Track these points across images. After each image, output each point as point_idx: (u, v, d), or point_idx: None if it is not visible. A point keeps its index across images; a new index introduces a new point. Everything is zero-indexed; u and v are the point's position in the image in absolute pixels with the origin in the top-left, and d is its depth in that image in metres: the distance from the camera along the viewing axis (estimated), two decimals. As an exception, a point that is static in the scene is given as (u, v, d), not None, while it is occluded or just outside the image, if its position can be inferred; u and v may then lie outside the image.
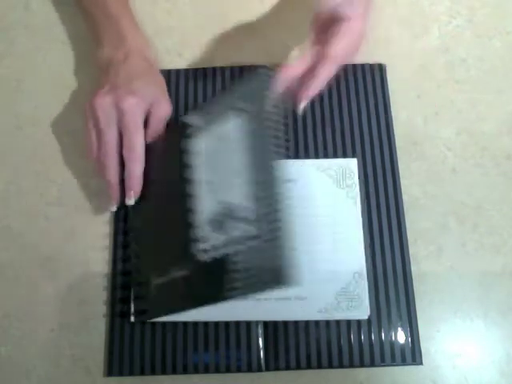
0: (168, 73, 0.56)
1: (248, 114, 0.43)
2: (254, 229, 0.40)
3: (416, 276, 0.49)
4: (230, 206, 0.42)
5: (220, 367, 0.47)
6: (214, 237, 0.43)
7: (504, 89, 0.57)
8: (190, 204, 0.45)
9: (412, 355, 0.47)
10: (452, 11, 0.60)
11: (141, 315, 0.47)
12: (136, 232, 0.49)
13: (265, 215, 0.40)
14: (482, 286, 0.50)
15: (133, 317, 0.47)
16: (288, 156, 0.53)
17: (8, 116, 0.56)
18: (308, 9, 0.59)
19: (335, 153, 0.53)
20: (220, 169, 0.44)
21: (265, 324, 0.48)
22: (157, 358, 0.47)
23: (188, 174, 0.45)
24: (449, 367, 0.48)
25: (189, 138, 0.46)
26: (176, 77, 0.56)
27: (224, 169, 0.44)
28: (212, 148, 0.45)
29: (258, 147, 0.42)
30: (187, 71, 0.57)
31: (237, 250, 0.41)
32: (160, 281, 0.46)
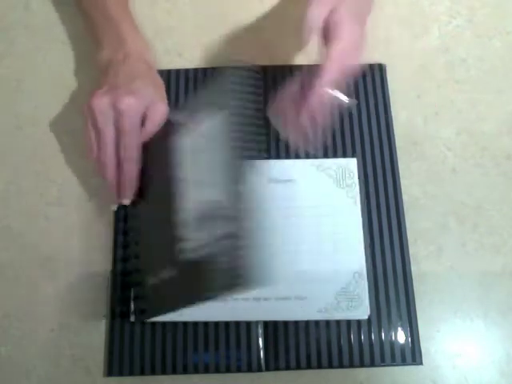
0: (168, 73, 0.56)
1: (231, 112, 0.42)
2: (234, 227, 0.40)
3: (416, 276, 0.49)
4: (213, 205, 0.42)
5: (220, 367, 0.47)
6: (198, 236, 0.42)
7: (504, 89, 0.57)
8: (176, 203, 0.44)
9: (412, 355, 0.47)
10: (452, 11, 0.60)
11: (140, 315, 0.47)
12: (136, 232, 0.49)
13: (242, 213, 0.39)
14: (482, 286, 0.50)
15: (133, 316, 0.47)
16: (268, 154, 0.52)
17: (8, 116, 0.56)
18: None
19: (335, 153, 0.53)
20: (204, 167, 0.44)
21: (265, 324, 0.48)
22: (157, 358, 0.47)
23: (174, 173, 0.45)
24: (449, 367, 0.48)
25: (175, 136, 0.46)
26: (176, 77, 0.56)
27: (208, 167, 0.43)
28: (197, 146, 0.45)
29: (239, 145, 0.41)
30: (187, 71, 0.57)
31: (218, 249, 0.40)
32: (153, 281, 0.46)
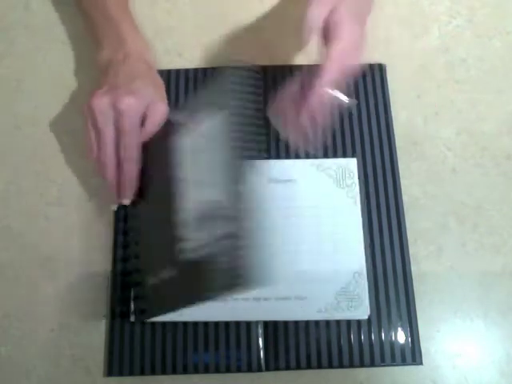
0: (168, 73, 0.56)
1: (231, 112, 0.42)
2: (234, 227, 0.39)
3: (416, 276, 0.49)
4: (213, 205, 0.42)
5: (220, 367, 0.47)
6: (198, 236, 0.42)
7: (504, 89, 0.57)
8: (176, 203, 0.44)
9: (412, 355, 0.47)
10: (452, 11, 0.60)
11: (140, 315, 0.47)
12: (136, 232, 0.49)
13: (242, 213, 0.39)
14: (482, 286, 0.50)
15: (133, 316, 0.47)
16: (268, 153, 0.53)
17: (8, 116, 0.56)
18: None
19: (335, 153, 0.53)
20: (204, 167, 0.44)
21: (265, 324, 0.48)
22: (157, 358, 0.47)
23: (174, 173, 0.45)
24: (449, 367, 0.48)
25: (175, 136, 0.46)
26: (176, 77, 0.56)
27: (207, 167, 0.43)
28: (197, 146, 0.45)
29: (239, 145, 0.41)
30: (187, 71, 0.57)
31: (218, 249, 0.40)
32: (154, 281, 0.46)
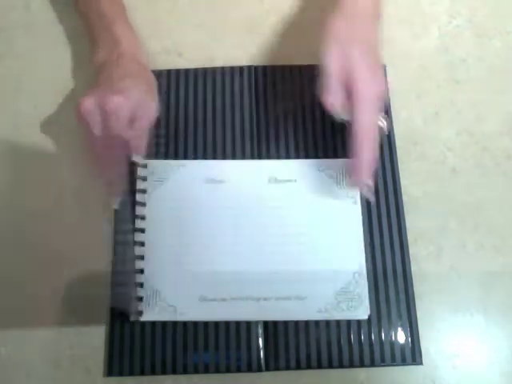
0: (168, 73, 0.56)
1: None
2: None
3: (416, 276, 0.49)
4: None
5: (220, 367, 0.47)
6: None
7: (504, 89, 0.57)
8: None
9: (412, 355, 0.47)
10: (452, 11, 0.60)
11: (140, 315, 0.47)
12: (137, 232, 0.49)
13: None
14: (482, 286, 0.50)
15: (133, 316, 0.47)
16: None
17: (7, 116, 0.56)
18: (308, 9, 0.60)
19: (335, 153, 0.53)
20: None
21: (265, 324, 0.48)
22: (157, 358, 0.47)
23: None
24: (449, 367, 0.48)
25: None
26: (176, 77, 0.56)
27: None
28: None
29: None
30: (187, 71, 0.56)
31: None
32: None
